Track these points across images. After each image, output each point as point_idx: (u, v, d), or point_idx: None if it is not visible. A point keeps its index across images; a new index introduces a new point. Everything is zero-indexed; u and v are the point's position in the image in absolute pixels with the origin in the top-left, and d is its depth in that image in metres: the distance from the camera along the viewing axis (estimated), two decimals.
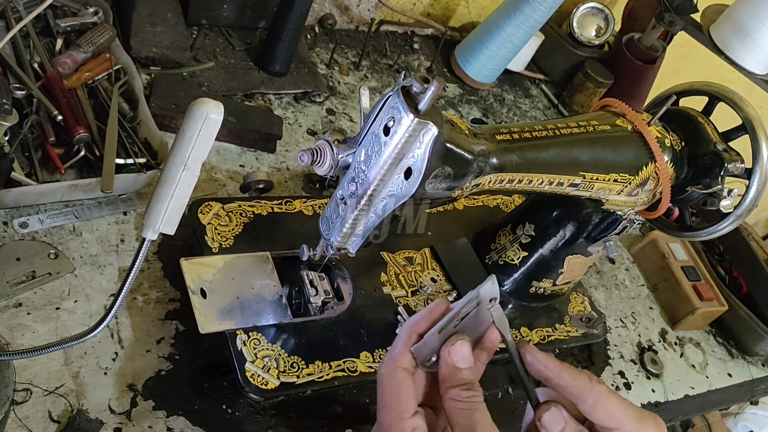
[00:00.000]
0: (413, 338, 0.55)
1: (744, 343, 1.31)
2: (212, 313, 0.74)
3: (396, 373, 0.53)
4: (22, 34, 0.91)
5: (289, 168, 1.07)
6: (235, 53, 1.15)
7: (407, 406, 0.52)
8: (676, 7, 1.40)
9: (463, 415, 0.51)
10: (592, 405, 0.52)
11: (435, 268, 0.94)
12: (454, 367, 0.53)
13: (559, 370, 0.53)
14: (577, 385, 0.52)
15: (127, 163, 0.87)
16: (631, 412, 0.52)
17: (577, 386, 0.52)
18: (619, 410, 0.52)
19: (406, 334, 0.55)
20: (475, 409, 0.51)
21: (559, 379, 0.52)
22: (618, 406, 0.52)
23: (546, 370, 0.53)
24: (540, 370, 0.53)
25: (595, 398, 0.52)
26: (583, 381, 0.52)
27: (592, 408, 0.52)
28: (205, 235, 0.81)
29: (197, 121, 0.52)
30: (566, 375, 0.52)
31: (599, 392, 0.52)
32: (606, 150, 0.78)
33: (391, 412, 0.52)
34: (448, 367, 0.53)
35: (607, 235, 0.89)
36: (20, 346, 0.71)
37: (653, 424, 0.52)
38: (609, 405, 0.52)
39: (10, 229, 0.79)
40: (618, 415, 0.51)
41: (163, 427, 0.72)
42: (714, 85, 0.88)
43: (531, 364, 0.54)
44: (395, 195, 0.63)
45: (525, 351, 0.54)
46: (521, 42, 1.41)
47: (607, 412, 0.52)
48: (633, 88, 1.54)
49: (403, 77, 0.61)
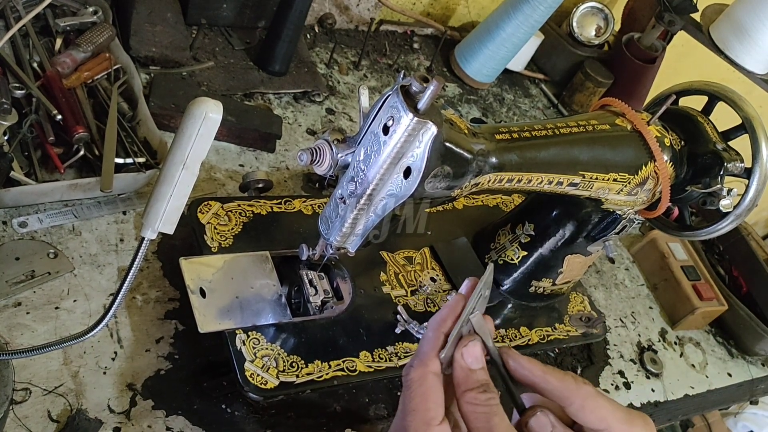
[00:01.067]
0: (441, 340, 0.53)
1: (744, 342, 1.31)
2: (211, 313, 0.73)
3: (427, 378, 0.51)
4: (22, 33, 0.91)
5: (288, 167, 1.07)
6: (235, 53, 1.15)
7: (436, 413, 0.50)
8: (676, 6, 1.40)
9: (481, 419, 0.50)
10: (579, 407, 0.51)
11: (434, 267, 0.94)
12: (468, 369, 0.52)
13: (544, 374, 0.52)
14: (563, 387, 0.51)
15: (126, 163, 0.87)
16: (620, 414, 0.51)
17: (563, 389, 0.51)
18: (608, 411, 0.51)
19: (434, 336, 0.53)
20: (494, 413, 0.50)
21: (545, 383, 0.52)
22: (606, 408, 0.51)
23: (530, 375, 0.52)
24: (524, 375, 0.52)
25: (582, 400, 0.51)
26: (569, 383, 0.51)
27: (580, 410, 0.51)
28: (205, 234, 0.81)
29: (196, 120, 0.52)
30: (551, 378, 0.51)
31: (586, 394, 0.51)
32: (605, 149, 0.78)
33: (418, 417, 0.50)
34: (463, 370, 0.52)
35: (606, 235, 0.89)
36: (19, 346, 0.71)
37: (642, 424, 0.51)
38: (597, 406, 0.51)
39: (10, 229, 0.79)
40: (606, 417, 0.51)
41: (163, 426, 0.72)
42: (714, 84, 0.88)
43: (515, 370, 0.53)
44: (395, 194, 0.63)
45: (507, 357, 0.53)
46: (521, 42, 1.41)
47: (595, 413, 0.51)
48: (633, 87, 1.54)
49: (403, 77, 0.61)
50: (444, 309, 0.55)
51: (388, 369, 0.79)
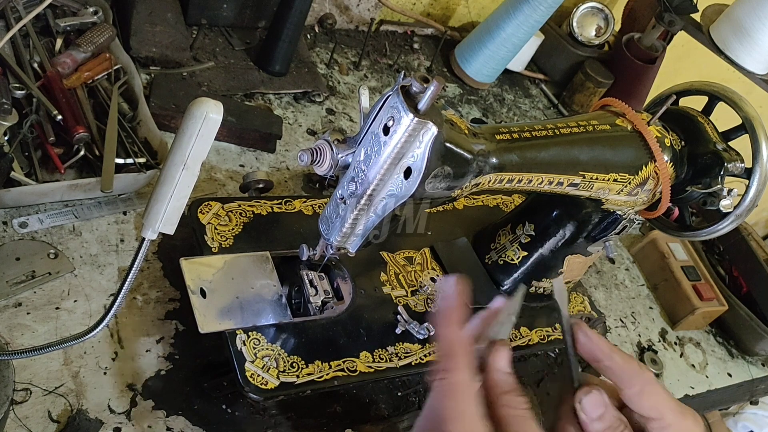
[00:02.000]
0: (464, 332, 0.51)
1: (744, 342, 1.31)
2: (212, 313, 0.73)
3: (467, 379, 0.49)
4: (22, 33, 0.91)
5: (288, 168, 1.07)
6: (235, 53, 1.15)
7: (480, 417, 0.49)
8: (676, 6, 1.40)
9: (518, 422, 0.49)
10: (638, 392, 0.50)
11: (435, 267, 0.94)
12: (505, 372, 0.51)
13: (611, 352, 0.51)
14: (627, 368, 0.50)
15: (126, 163, 0.87)
16: (674, 405, 0.50)
17: (626, 370, 0.50)
18: (663, 401, 0.50)
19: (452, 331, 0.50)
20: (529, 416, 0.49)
21: (610, 361, 0.51)
22: (662, 397, 0.50)
23: (597, 350, 0.51)
24: (591, 349, 0.51)
25: (642, 385, 0.50)
26: (633, 366, 0.50)
27: (638, 395, 0.50)
28: (205, 234, 0.81)
29: (197, 120, 0.52)
30: (617, 357, 0.51)
31: (647, 379, 0.50)
32: (606, 150, 0.78)
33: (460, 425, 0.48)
34: (498, 373, 0.50)
35: (606, 235, 0.89)
36: (20, 346, 0.70)
37: (693, 421, 0.51)
38: (654, 394, 0.50)
39: (10, 229, 0.79)
40: (661, 406, 0.50)
41: (163, 426, 0.72)
42: (714, 84, 0.88)
43: (584, 344, 0.52)
44: (395, 195, 0.63)
45: (578, 329, 0.52)
46: (521, 42, 1.41)
47: (651, 401, 0.50)
48: (633, 87, 1.54)
49: (403, 77, 0.61)
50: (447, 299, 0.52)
51: (388, 369, 0.79)
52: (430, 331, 0.82)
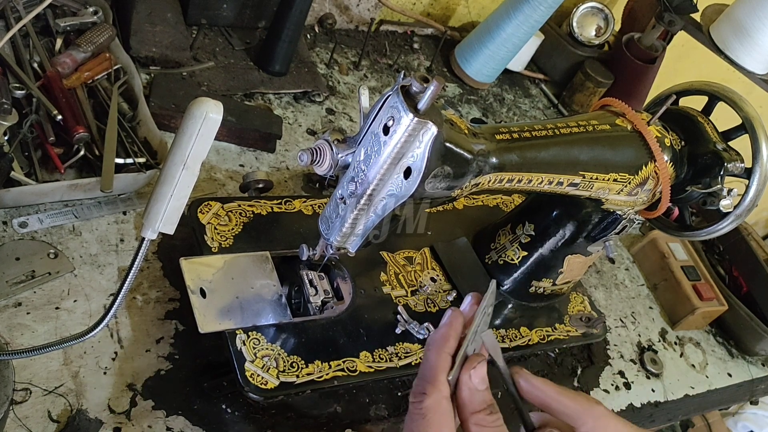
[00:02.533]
0: (448, 362, 0.51)
1: (744, 342, 1.31)
2: (212, 313, 0.73)
3: (441, 404, 0.50)
4: (22, 33, 0.91)
5: (288, 167, 1.07)
6: (235, 53, 1.15)
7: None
8: (676, 6, 1.40)
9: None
10: (591, 428, 0.51)
11: (435, 267, 0.94)
12: (476, 390, 0.51)
13: (557, 395, 0.51)
14: (575, 408, 0.51)
15: (126, 163, 0.87)
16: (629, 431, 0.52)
17: (575, 409, 0.51)
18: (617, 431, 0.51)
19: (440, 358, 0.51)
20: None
21: (558, 404, 0.51)
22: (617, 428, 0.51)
23: (543, 396, 0.52)
24: (536, 396, 0.52)
25: (594, 421, 0.51)
26: (581, 404, 0.51)
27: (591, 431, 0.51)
28: (205, 234, 0.81)
29: (196, 120, 0.52)
30: (565, 399, 0.51)
31: (598, 414, 0.51)
32: (606, 149, 0.78)
33: None
34: (471, 391, 0.51)
35: (606, 235, 0.89)
36: (20, 346, 0.70)
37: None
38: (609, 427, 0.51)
39: (10, 229, 0.79)
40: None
41: (163, 426, 0.72)
42: (714, 84, 0.88)
43: (528, 392, 0.52)
44: (395, 194, 0.63)
45: (519, 377, 0.53)
46: (521, 42, 1.41)
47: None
48: (633, 87, 1.54)
49: (403, 77, 0.61)
50: (443, 327, 0.53)
51: (388, 369, 0.79)
52: (430, 331, 0.82)
